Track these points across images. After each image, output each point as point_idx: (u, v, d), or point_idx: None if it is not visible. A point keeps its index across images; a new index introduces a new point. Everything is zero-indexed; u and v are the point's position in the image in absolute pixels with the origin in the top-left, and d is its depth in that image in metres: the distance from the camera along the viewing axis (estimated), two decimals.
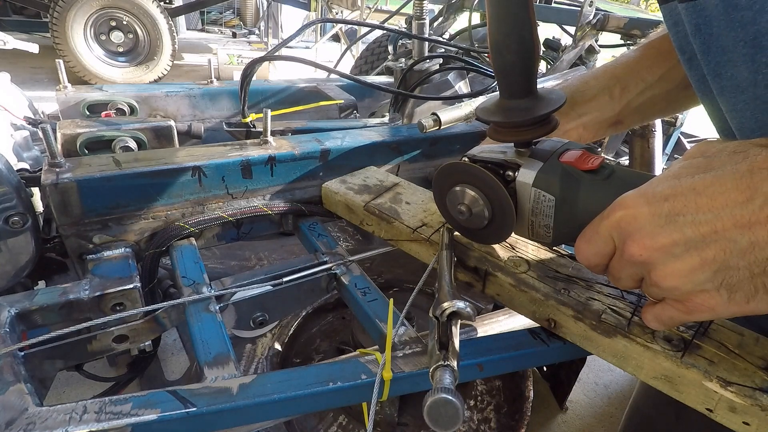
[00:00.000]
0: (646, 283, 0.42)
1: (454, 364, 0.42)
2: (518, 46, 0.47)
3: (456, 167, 0.57)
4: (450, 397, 0.39)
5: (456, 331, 0.46)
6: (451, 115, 0.80)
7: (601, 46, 1.61)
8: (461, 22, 2.16)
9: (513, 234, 0.57)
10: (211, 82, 1.28)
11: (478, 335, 0.77)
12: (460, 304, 0.46)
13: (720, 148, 0.39)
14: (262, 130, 0.85)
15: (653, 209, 0.38)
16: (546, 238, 0.54)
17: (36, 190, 0.78)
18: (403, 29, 1.47)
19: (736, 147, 0.37)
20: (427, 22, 1.25)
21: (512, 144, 0.55)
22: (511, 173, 0.53)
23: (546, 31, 2.20)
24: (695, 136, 2.07)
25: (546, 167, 0.51)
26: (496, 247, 0.64)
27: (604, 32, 1.60)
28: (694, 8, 0.43)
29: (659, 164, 1.36)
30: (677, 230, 0.37)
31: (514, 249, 0.64)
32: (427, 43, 1.26)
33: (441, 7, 2.27)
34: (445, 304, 0.46)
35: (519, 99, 0.50)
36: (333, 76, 1.33)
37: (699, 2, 0.43)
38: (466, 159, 0.57)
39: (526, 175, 0.52)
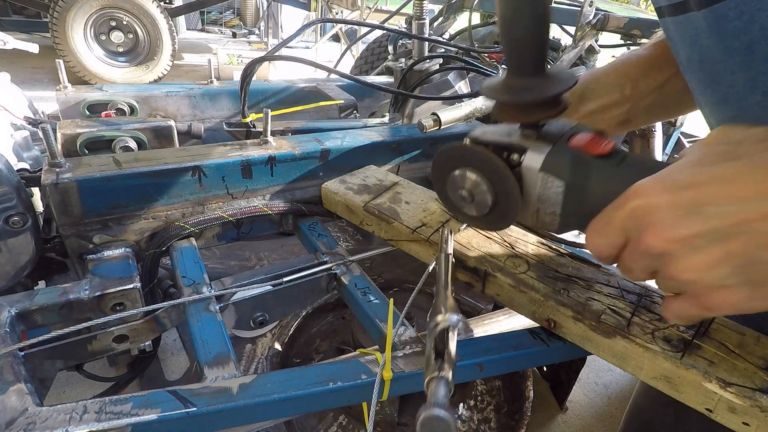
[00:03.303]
0: (661, 276, 0.39)
1: (450, 375, 0.41)
2: (529, 21, 0.43)
3: (457, 150, 0.53)
4: (442, 414, 0.37)
5: (453, 337, 0.45)
6: (451, 115, 0.80)
7: (601, 46, 1.61)
8: (461, 22, 2.16)
9: (516, 221, 0.55)
10: (211, 82, 1.28)
11: (478, 335, 0.76)
12: (454, 319, 0.44)
13: (745, 134, 0.37)
14: (262, 130, 0.85)
15: (674, 198, 0.36)
16: (552, 226, 0.51)
17: (36, 190, 0.78)
18: (403, 29, 1.47)
19: (763, 134, 0.36)
20: (427, 22, 1.25)
21: (518, 126, 0.51)
22: (516, 157, 0.50)
23: None
24: (695, 136, 2.07)
25: (555, 151, 0.48)
26: (496, 247, 0.64)
27: (604, 32, 1.60)
28: (687, 20, 0.43)
29: None
30: (700, 221, 0.34)
31: (513, 249, 0.64)
32: (427, 43, 1.26)
33: (441, 7, 2.27)
34: (439, 318, 0.44)
35: (528, 77, 0.46)
36: (333, 76, 1.33)
37: (688, 15, 0.43)
38: (468, 141, 0.53)
39: (533, 159, 0.49)
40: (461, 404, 1.24)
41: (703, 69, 0.45)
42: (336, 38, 5.81)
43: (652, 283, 0.58)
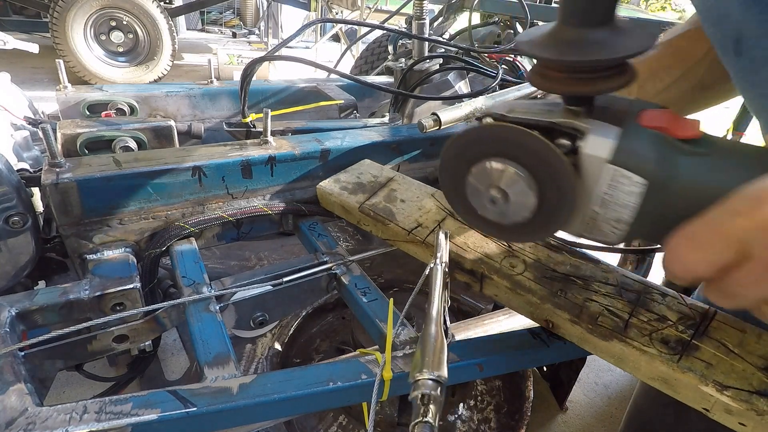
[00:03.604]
0: None
1: (436, 419, 0.35)
2: None
3: (484, 132, 0.39)
4: None
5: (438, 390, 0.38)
6: (451, 115, 0.80)
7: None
8: (461, 22, 2.16)
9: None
10: (211, 82, 1.28)
11: (478, 335, 0.77)
12: (429, 384, 0.35)
13: None
14: (262, 130, 0.86)
15: None
16: (611, 235, 0.39)
17: (36, 190, 0.78)
18: (403, 29, 1.47)
19: None
20: (427, 22, 1.25)
21: (559, 99, 0.39)
22: (566, 142, 0.37)
23: None
24: None
25: (629, 134, 0.35)
26: (492, 246, 0.64)
27: None
28: None
29: None
30: None
31: (510, 247, 0.64)
32: (427, 43, 1.26)
33: (441, 7, 2.27)
34: (418, 374, 0.36)
35: (591, 27, 0.33)
36: (333, 76, 1.33)
37: None
38: (490, 120, 0.40)
39: (598, 146, 0.35)
40: (461, 404, 1.24)
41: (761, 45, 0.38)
42: (336, 38, 5.81)
43: (652, 279, 0.58)
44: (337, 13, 5.39)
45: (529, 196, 0.39)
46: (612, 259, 0.67)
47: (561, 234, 0.65)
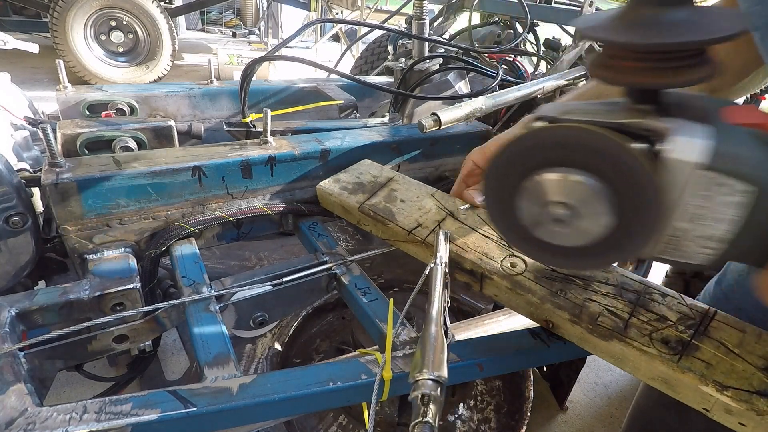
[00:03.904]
0: None
1: (435, 420, 0.35)
2: None
3: (542, 137, 0.32)
4: None
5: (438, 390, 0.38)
6: (451, 115, 0.80)
7: (601, 47, 1.61)
8: (461, 22, 2.16)
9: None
10: (211, 82, 1.28)
11: (478, 335, 0.77)
12: (428, 386, 0.35)
13: None
14: (262, 130, 0.86)
15: None
16: (699, 256, 0.33)
17: (36, 190, 0.78)
18: (403, 29, 1.47)
19: None
20: (427, 22, 1.25)
21: (617, 96, 0.33)
22: (641, 145, 0.30)
23: (546, 31, 2.21)
24: None
25: (723, 134, 0.29)
26: (492, 246, 0.64)
27: None
28: None
29: None
30: None
31: (510, 247, 0.64)
32: (427, 43, 1.26)
33: (441, 7, 2.27)
34: (418, 374, 0.35)
35: (672, 6, 0.28)
36: (333, 76, 1.33)
37: None
38: (541, 124, 0.33)
39: (687, 149, 0.29)
40: (461, 404, 1.24)
41: None
42: (336, 38, 5.81)
43: (652, 279, 0.58)
44: (337, 13, 5.38)
45: (602, 213, 0.32)
46: None
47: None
